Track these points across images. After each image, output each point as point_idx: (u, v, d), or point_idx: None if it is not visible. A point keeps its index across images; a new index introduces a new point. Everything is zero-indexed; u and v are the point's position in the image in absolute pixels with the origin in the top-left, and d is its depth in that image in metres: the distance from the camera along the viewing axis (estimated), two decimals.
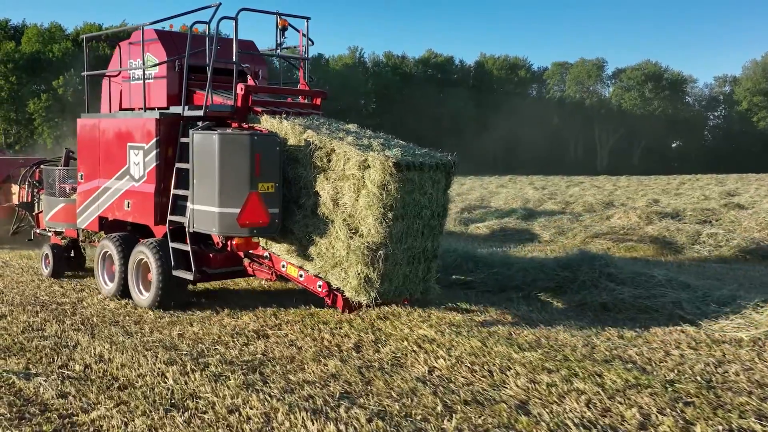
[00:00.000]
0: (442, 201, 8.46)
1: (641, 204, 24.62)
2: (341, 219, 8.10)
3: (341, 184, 8.10)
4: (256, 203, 8.43)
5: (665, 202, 27.38)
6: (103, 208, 10.53)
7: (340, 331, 8.51)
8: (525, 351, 7.52)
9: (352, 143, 8.13)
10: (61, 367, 7.10)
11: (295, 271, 8.78)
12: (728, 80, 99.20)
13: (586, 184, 46.02)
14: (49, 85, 56.06)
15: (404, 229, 8.00)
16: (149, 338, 8.20)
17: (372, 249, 7.79)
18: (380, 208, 7.70)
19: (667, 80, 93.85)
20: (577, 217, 21.32)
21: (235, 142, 8.44)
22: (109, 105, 11.00)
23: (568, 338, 8.13)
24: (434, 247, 8.52)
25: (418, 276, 8.43)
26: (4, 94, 55.93)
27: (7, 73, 55.45)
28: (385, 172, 7.62)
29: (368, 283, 7.86)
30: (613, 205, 24.93)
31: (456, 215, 21.50)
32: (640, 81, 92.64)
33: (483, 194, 33.98)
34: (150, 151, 9.59)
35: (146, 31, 10.02)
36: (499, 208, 25.38)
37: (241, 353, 7.60)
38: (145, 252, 9.68)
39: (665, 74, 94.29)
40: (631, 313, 9.32)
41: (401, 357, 7.44)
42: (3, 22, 60.89)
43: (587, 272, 10.40)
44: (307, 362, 7.27)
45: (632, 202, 26.60)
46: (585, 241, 16.47)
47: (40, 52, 57.61)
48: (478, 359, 7.27)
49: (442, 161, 8.30)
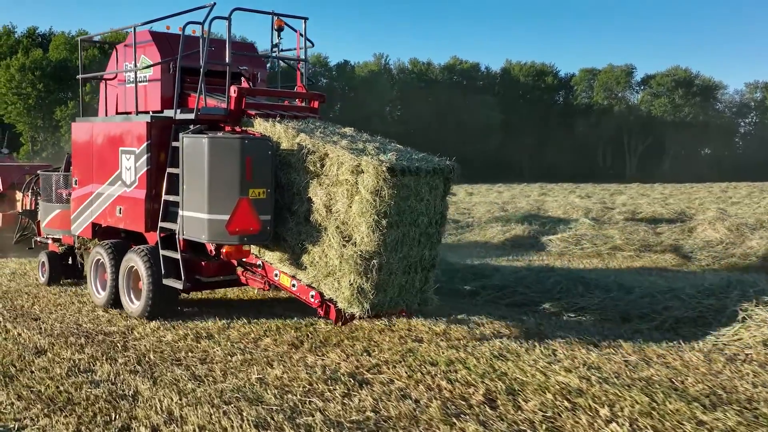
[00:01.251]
0: (440, 208, 8.01)
1: (711, 214, 22.09)
2: (334, 226, 7.74)
3: (334, 190, 7.74)
4: (247, 209, 8.10)
5: (732, 211, 25.68)
6: (96, 215, 10.27)
7: (457, 375, 7.00)
8: (711, 410, 5.89)
9: (346, 147, 7.77)
10: (123, 430, 5.72)
11: (288, 280, 8.45)
12: (759, 86, 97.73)
13: (632, 192, 44.14)
14: (75, 93, 56.49)
15: (399, 238, 7.60)
16: (224, 385, 6.72)
17: (365, 258, 7.40)
18: (374, 215, 7.32)
19: (698, 86, 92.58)
20: (653, 228, 19.26)
21: (225, 145, 8.14)
22: (105, 109, 10.77)
23: (758, 391, 6.43)
24: (432, 256, 8.09)
25: (414, 286, 8.02)
26: (32, 102, 56.46)
27: (34, 80, 55.95)
28: (378, 177, 7.24)
29: (361, 293, 7.47)
30: (685, 215, 23.46)
31: (521, 226, 19.94)
32: (671, 87, 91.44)
33: (531, 203, 31.00)
34: (141, 156, 9.32)
35: (141, 32, 9.80)
36: (561, 217, 23.44)
37: (346, 409, 6.09)
38: (135, 260, 9.40)
39: (696, 80, 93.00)
40: None
41: (554, 417, 5.89)
42: (31, 29, 61.63)
43: (737, 300, 8.79)
44: (436, 425, 5.75)
45: (700, 213, 24.33)
46: (681, 256, 15.17)
47: (67, 59, 58.07)
48: (657, 422, 5.69)
49: (440, 166, 7.87)
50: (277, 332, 8.78)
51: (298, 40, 9.89)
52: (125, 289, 9.71)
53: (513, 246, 17.97)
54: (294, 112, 9.49)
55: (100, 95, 10.99)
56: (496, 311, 9.97)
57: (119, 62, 10.46)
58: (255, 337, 8.52)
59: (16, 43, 59.23)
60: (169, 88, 9.50)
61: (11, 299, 10.96)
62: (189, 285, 9.05)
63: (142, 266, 9.26)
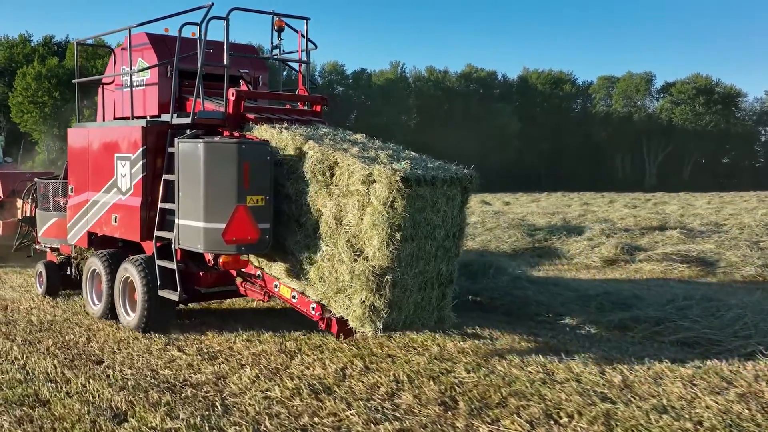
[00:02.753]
0: (458, 219, 7.46)
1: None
2: (345, 239, 7.24)
3: (345, 201, 7.26)
4: (244, 217, 7.74)
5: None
6: (92, 223, 9.93)
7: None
8: None
9: (357, 155, 7.29)
10: None
11: (288, 291, 8.07)
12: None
13: (677, 201, 41.35)
14: (91, 101, 56.50)
15: (415, 252, 7.07)
16: None
17: (378, 274, 6.87)
18: (387, 227, 6.81)
19: (719, 94, 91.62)
20: (755, 244, 16.78)
21: (221, 150, 7.78)
22: (102, 114, 10.48)
23: None
24: (449, 271, 7.53)
25: (431, 304, 7.47)
26: (48, 110, 56.54)
27: (50, 88, 56.03)
28: (392, 188, 6.74)
29: (374, 312, 6.93)
30: None
31: (610, 241, 17.21)
32: (692, 95, 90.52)
33: (584, 213, 27.95)
34: (136, 162, 8.97)
35: (138, 35, 9.50)
36: (630, 227, 21.20)
37: None
38: (130, 270, 9.04)
39: (717, 88, 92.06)
40: None
41: None
42: (47, 38, 61.76)
43: None
44: None
45: None
46: None
47: (83, 67, 58.12)
48: None
49: (458, 175, 7.33)
50: (412, 383, 7.05)
51: (299, 41, 9.55)
52: (121, 300, 9.35)
53: (605, 264, 15.63)
54: (296, 116, 9.14)
55: (98, 100, 10.70)
56: (667, 353, 8.07)
57: (116, 66, 10.16)
58: (388, 391, 6.80)
59: (32, 52, 59.40)
60: (166, 93, 9.16)
61: (60, 332, 9.13)
62: (185, 296, 8.66)
63: (137, 277, 8.90)
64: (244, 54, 9.83)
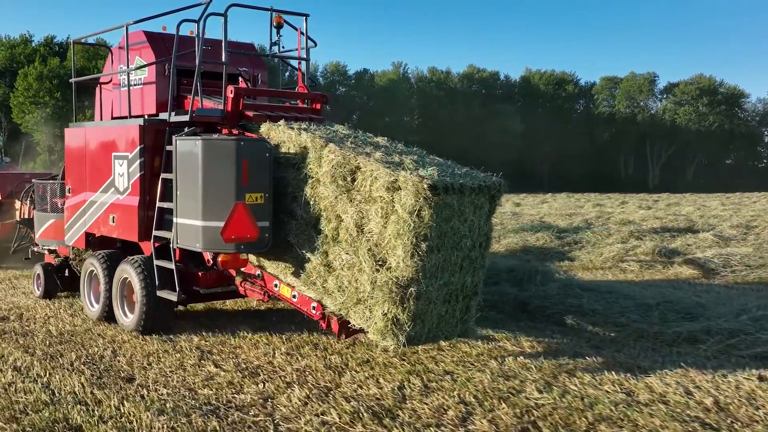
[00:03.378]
0: (485, 229, 7.15)
1: None
2: (366, 248, 6.91)
3: (367, 208, 6.92)
4: (243, 215, 7.59)
5: None
6: (89, 224, 9.80)
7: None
8: None
9: (381, 160, 6.95)
10: None
11: (288, 291, 7.91)
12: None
13: (689, 202, 40.64)
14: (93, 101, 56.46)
15: (440, 263, 6.76)
16: None
17: (402, 285, 6.56)
18: (412, 237, 6.48)
19: (722, 94, 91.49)
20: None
21: (219, 148, 7.65)
22: (100, 114, 10.37)
23: None
24: (475, 283, 7.24)
25: (455, 316, 7.19)
26: (49, 111, 56.48)
27: (52, 89, 55.97)
28: (418, 196, 6.40)
29: (396, 325, 6.62)
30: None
31: (647, 243, 16.61)
32: (695, 95, 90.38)
33: (596, 213, 27.33)
34: (134, 161, 8.85)
35: (136, 33, 9.38)
36: (655, 228, 20.48)
37: None
38: (128, 270, 8.91)
39: (720, 88, 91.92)
40: None
41: None
42: (48, 38, 61.74)
43: None
44: None
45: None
46: None
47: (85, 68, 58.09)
48: None
49: (486, 183, 7.02)
50: (482, 406, 6.42)
51: (299, 38, 9.42)
52: (119, 301, 9.22)
53: (642, 267, 14.80)
54: (295, 114, 9.01)
55: (96, 100, 10.59)
56: (750, 369, 7.37)
57: (114, 65, 10.05)
58: (458, 415, 6.15)
59: (33, 52, 59.37)
60: (164, 91, 9.02)
61: (83, 345, 8.51)
62: (184, 297, 8.53)
63: (135, 277, 8.77)
64: (243, 51, 9.70)
